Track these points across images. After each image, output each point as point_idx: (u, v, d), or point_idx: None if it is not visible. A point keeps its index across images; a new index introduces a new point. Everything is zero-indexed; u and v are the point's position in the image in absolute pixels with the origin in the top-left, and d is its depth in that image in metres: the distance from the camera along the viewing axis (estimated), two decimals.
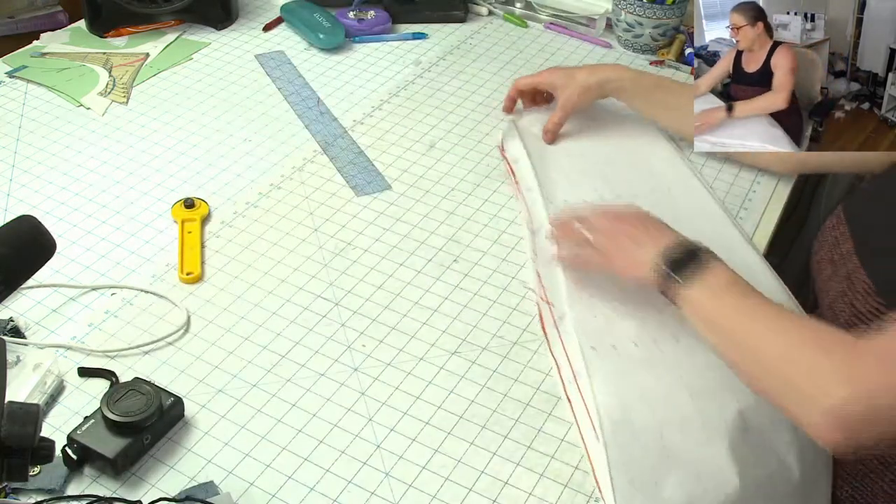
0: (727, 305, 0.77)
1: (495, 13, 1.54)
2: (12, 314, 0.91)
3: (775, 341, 0.73)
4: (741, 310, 0.76)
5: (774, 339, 0.73)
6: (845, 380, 0.66)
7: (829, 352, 0.69)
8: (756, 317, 0.75)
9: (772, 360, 0.72)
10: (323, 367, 0.87)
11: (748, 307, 0.76)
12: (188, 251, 1.00)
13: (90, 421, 0.77)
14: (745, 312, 0.76)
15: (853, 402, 0.65)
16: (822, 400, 0.67)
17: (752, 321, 0.75)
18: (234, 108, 1.27)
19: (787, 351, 0.71)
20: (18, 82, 1.30)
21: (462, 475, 0.78)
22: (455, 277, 0.98)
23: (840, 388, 0.66)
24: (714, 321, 0.78)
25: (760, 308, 0.76)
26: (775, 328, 0.74)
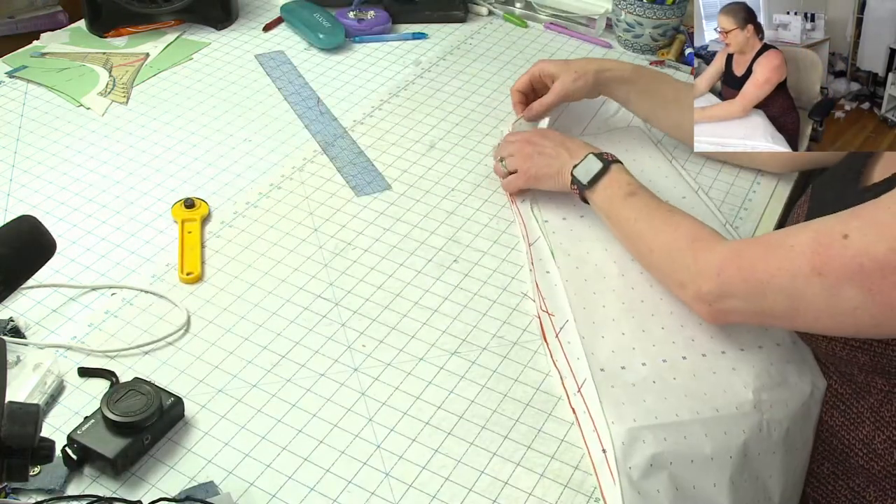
0: (621, 204, 0.94)
1: (495, 13, 1.54)
2: (12, 314, 0.91)
3: (658, 237, 0.89)
4: (631, 206, 0.92)
5: (657, 234, 0.89)
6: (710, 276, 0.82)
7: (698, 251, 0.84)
8: (643, 214, 0.91)
9: (655, 251, 0.89)
10: (323, 367, 0.87)
11: (637, 205, 0.92)
12: (188, 251, 1.00)
13: (90, 421, 0.77)
14: (635, 209, 0.92)
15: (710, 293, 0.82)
16: (691, 289, 0.84)
17: (639, 217, 0.91)
18: (234, 108, 1.27)
19: (667, 245, 0.87)
20: (18, 82, 1.30)
21: (462, 475, 0.78)
22: (455, 277, 0.98)
23: (705, 282, 0.82)
24: (610, 216, 0.96)
25: (647, 206, 0.92)
26: (659, 225, 0.89)
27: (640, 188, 0.94)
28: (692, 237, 0.85)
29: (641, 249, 0.92)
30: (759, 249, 0.80)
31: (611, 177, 0.95)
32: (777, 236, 0.81)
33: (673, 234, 0.87)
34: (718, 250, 0.82)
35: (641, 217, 0.91)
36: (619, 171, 0.96)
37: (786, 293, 0.77)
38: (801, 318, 0.78)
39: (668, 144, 1.18)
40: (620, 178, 0.95)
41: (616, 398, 0.81)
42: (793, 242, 0.77)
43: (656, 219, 0.90)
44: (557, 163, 1.00)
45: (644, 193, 0.93)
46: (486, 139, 1.21)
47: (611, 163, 0.96)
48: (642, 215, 0.91)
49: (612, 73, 1.12)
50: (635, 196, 0.93)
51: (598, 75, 1.11)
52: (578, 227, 1.02)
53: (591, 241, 1.00)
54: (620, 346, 0.87)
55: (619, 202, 0.94)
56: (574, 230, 1.02)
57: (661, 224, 0.89)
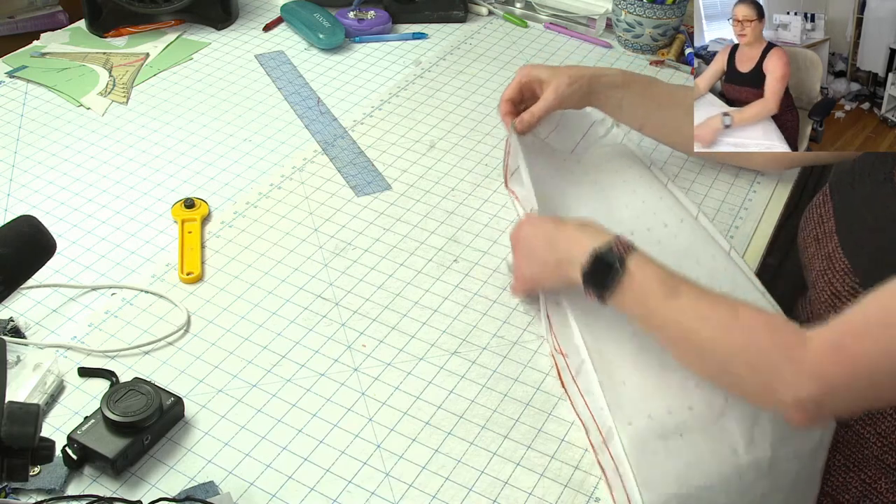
0: (661, 308, 0.76)
1: (495, 13, 1.54)
2: (12, 314, 0.91)
3: (727, 342, 0.73)
4: (677, 309, 0.76)
5: (726, 339, 0.73)
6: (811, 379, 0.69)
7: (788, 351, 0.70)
8: (697, 315, 0.75)
9: (728, 360, 0.73)
10: (323, 367, 0.87)
11: (684, 306, 0.75)
12: (188, 251, 1.00)
13: (90, 421, 0.77)
14: (682, 311, 0.75)
15: (811, 398, 0.69)
16: (788, 395, 0.70)
17: (694, 321, 0.75)
18: (234, 108, 1.27)
19: (744, 350, 0.72)
20: (18, 82, 1.30)
21: (462, 475, 0.78)
22: (455, 277, 0.98)
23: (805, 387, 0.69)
24: (647, 322, 0.78)
25: (698, 304, 0.75)
26: (725, 327, 0.73)
27: (677, 280, 0.77)
28: (776, 336, 0.72)
29: (707, 361, 0.76)
30: (859, 336, 0.69)
31: (632, 278, 0.77)
32: (871, 314, 0.69)
33: (746, 335, 0.72)
34: (813, 346, 0.70)
35: (698, 323, 0.74)
36: (640, 264, 0.77)
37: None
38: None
39: (659, 160, 1.14)
40: (647, 275, 0.77)
41: (645, 459, 0.76)
42: (890, 321, 0.67)
43: (716, 319, 0.74)
44: (552, 264, 0.85)
45: (687, 289, 0.76)
46: (486, 139, 1.21)
47: (626, 256, 0.78)
48: (698, 320, 0.75)
49: (606, 78, 1.02)
50: (679, 297, 0.75)
51: (592, 80, 1.01)
52: None
53: None
54: (644, 392, 0.80)
55: (657, 305, 0.77)
56: None
57: (727, 325, 0.73)
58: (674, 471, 0.76)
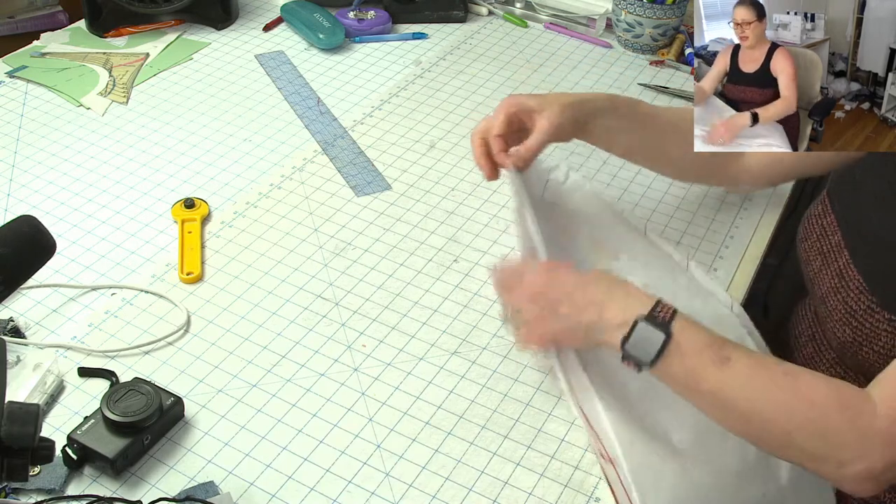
0: (713, 378, 0.70)
1: (495, 13, 1.54)
2: (12, 314, 0.91)
3: (792, 415, 0.68)
4: (732, 379, 0.70)
5: (789, 412, 0.68)
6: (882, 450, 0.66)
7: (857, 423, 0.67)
8: (754, 386, 0.70)
9: (793, 432, 0.68)
10: (323, 367, 0.87)
11: (740, 376, 0.70)
12: (188, 251, 1.00)
13: (90, 421, 0.77)
14: (738, 381, 0.70)
15: (884, 467, 0.66)
16: (858, 468, 0.66)
17: (751, 392, 0.69)
18: (234, 108, 1.27)
19: (810, 423, 0.68)
20: (18, 82, 1.30)
21: (462, 475, 0.78)
22: (455, 277, 0.98)
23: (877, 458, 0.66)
24: (698, 392, 0.72)
25: (755, 374, 0.70)
26: (786, 399, 0.68)
27: (726, 344, 0.71)
28: (838, 405, 0.67)
29: (770, 430, 0.69)
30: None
31: (680, 345, 0.70)
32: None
33: (811, 408, 0.68)
34: (881, 414, 0.66)
35: (755, 392, 0.69)
36: (687, 331, 0.71)
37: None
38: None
39: (629, 203, 1.07)
40: (695, 340, 0.71)
41: (650, 483, 0.72)
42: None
43: (776, 390, 0.69)
44: (582, 326, 0.74)
45: (738, 354, 0.70)
46: None
47: (670, 322, 0.71)
48: (755, 389, 0.69)
49: (592, 103, 0.93)
50: (730, 363, 0.69)
51: (581, 106, 0.92)
52: None
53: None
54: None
55: (708, 375, 0.70)
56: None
57: (789, 398, 0.68)
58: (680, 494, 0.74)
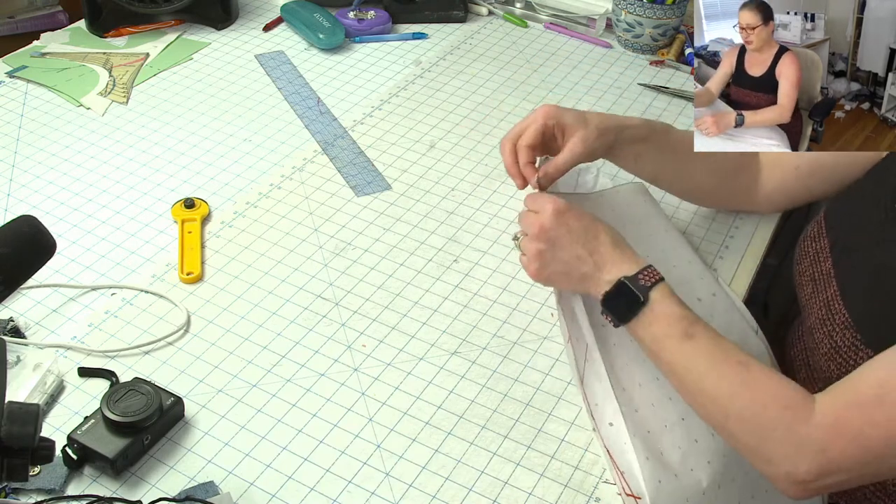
0: (675, 349, 0.75)
1: (495, 13, 1.54)
2: (12, 314, 0.91)
3: (734, 400, 0.72)
4: (691, 354, 0.75)
5: (733, 397, 0.72)
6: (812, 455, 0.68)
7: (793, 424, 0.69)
8: (708, 365, 0.74)
9: (732, 418, 0.72)
10: (323, 367, 0.87)
11: (698, 352, 0.74)
12: (188, 251, 1.00)
13: (90, 421, 0.77)
14: (695, 358, 0.74)
15: (810, 475, 0.68)
16: (784, 468, 0.69)
17: (704, 370, 0.74)
18: (234, 108, 1.27)
19: (749, 413, 0.71)
20: (18, 82, 1.30)
21: (462, 475, 0.78)
22: (455, 277, 0.98)
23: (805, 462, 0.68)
24: (659, 358, 0.77)
25: (711, 354, 0.74)
26: (734, 385, 0.72)
27: (696, 323, 0.76)
28: (782, 404, 0.70)
29: (710, 410, 0.74)
30: (861, 412, 0.67)
31: (653, 311, 0.77)
32: (869, 389, 0.68)
33: (753, 399, 0.71)
34: (817, 422, 0.68)
35: (706, 370, 0.74)
36: (663, 300, 0.77)
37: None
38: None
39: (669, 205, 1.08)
40: (668, 312, 0.76)
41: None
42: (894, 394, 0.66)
43: (725, 374, 0.73)
44: (576, 275, 0.81)
45: (703, 333, 0.75)
46: (486, 139, 1.21)
47: (650, 288, 0.77)
48: (707, 368, 0.74)
49: (630, 131, 0.93)
50: (693, 340, 0.75)
51: (618, 133, 0.91)
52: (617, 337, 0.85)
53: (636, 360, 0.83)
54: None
55: (671, 346, 0.76)
56: (616, 343, 0.85)
57: (735, 384, 0.72)
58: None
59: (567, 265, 0.81)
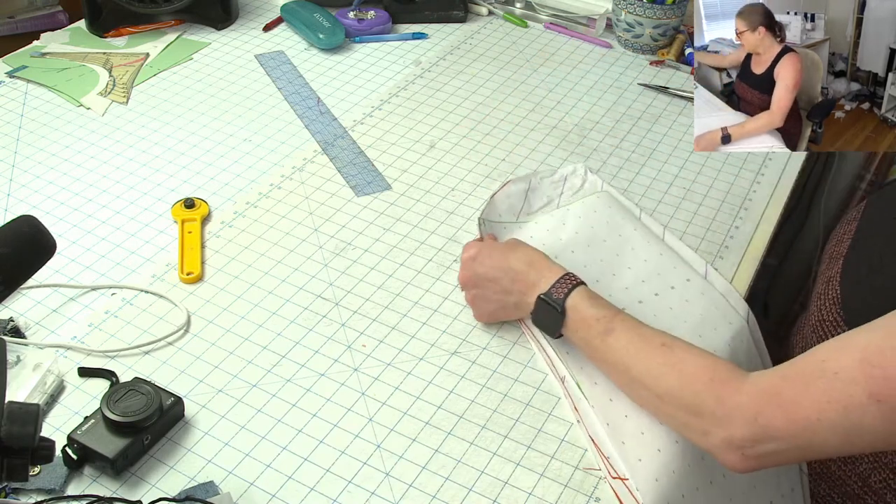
0: (600, 347, 0.80)
1: (495, 13, 1.54)
2: (12, 314, 0.91)
3: (661, 381, 0.75)
4: (614, 348, 0.78)
5: (659, 379, 0.75)
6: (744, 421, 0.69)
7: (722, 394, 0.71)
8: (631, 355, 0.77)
9: (663, 398, 0.75)
10: (323, 367, 0.87)
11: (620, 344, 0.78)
12: (188, 251, 1.00)
13: (90, 421, 0.77)
14: (619, 350, 0.78)
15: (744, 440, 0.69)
16: (719, 437, 0.70)
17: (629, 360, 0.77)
18: (234, 108, 1.27)
19: (677, 391, 0.73)
20: (18, 82, 1.30)
21: (462, 475, 0.78)
22: (455, 277, 0.98)
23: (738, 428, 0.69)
24: (593, 358, 0.82)
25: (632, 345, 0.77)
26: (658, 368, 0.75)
27: (615, 318, 0.80)
28: (708, 377, 0.72)
29: (643, 396, 0.78)
30: (798, 383, 0.68)
31: (573, 318, 0.81)
32: (811, 363, 0.69)
33: (680, 377, 0.74)
34: (747, 390, 0.70)
35: (631, 360, 0.78)
36: (579, 305, 0.81)
37: (839, 427, 0.66)
38: (853, 448, 0.69)
39: (648, 207, 1.08)
40: (586, 315, 0.81)
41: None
42: (835, 368, 0.66)
43: (650, 359, 0.77)
44: (510, 306, 0.88)
45: (622, 326, 0.79)
46: (486, 139, 1.21)
47: (565, 298, 0.82)
48: (631, 357, 0.78)
49: None
50: (612, 334, 0.79)
51: None
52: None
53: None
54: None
55: (596, 344, 0.80)
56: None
57: (660, 366, 0.76)
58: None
59: (498, 301, 0.88)
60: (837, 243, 0.93)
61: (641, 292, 0.93)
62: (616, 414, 0.81)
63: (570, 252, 0.97)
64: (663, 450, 0.79)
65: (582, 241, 0.99)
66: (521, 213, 1.05)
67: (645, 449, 0.78)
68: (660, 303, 0.92)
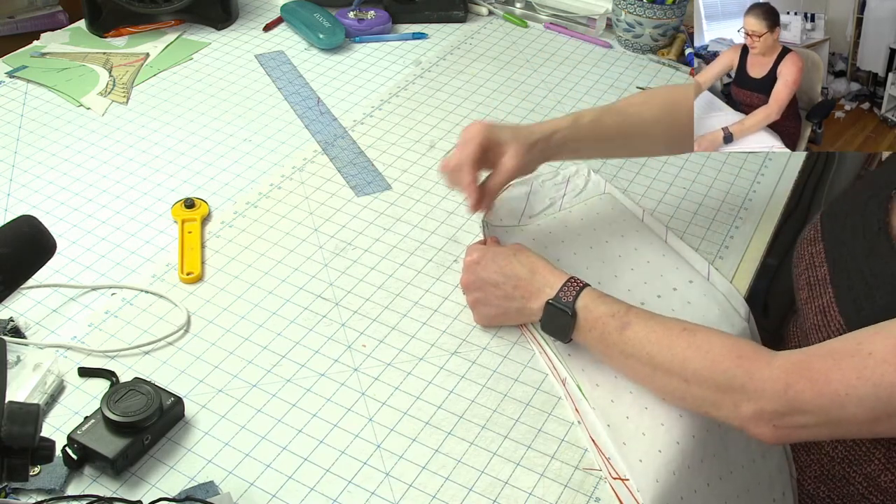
0: (618, 343, 0.80)
1: (495, 13, 1.54)
2: (12, 314, 0.91)
3: (688, 365, 0.75)
4: (634, 341, 0.78)
5: (685, 363, 0.75)
6: (775, 394, 0.70)
7: (752, 368, 0.72)
8: (654, 344, 0.77)
9: (691, 381, 0.75)
10: (323, 367, 0.87)
11: (640, 337, 0.78)
12: (188, 251, 1.00)
13: (90, 421, 0.77)
14: (639, 343, 0.78)
15: (775, 412, 0.71)
16: (750, 409, 0.72)
17: (651, 350, 0.77)
18: (234, 108, 1.27)
19: (705, 371, 0.74)
20: (18, 82, 1.30)
21: (462, 475, 0.78)
22: (455, 277, 0.98)
23: (769, 401, 0.71)
24: (610, 357, 0.82)
25: (654, 333, 0.78)
26: (683, 352, 0.76)
27: (629, 312, 0.80)
28: (735, 355, 0.73)
29: (668, 383, 0.78)
30: (829, 359, 0.70)
31: (586, 318, 0.81)
32: (846, 344, 0.71)
33: (707, 358, 0.74)
34: (778, 364, 0.71)
35: (654, 348, 0.77)
36: (591, 305, 0.81)
37: (867, 403, 0.68)
38: (879, 428, 0.70)
39: (650, 207, 1.07)
40: (598, 314, 0.81)
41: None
42: (869, 349, 0.68)
43: (673, 345, 0.76)
44: (512, 311, 0.88)
45: (637, 319, 0.79)
46: None
47: (575, 300, 0.82)
48: (653, 345, 0.77)
49: (561, 133, 0.94)
50: (630, 327, 0.79)
51: (548, 140, 0.93)
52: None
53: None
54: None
55: (614, 340, 0.80)
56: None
57: (685, 349, 0.76)
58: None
59: (500, 307, 0.88)
60: (809, 267, 0.92)
61: (643, 294, 0.93)
62: (617, 415, 0.81)
63: (571, 254, 0.98)
64: (664, 451, 0.79)
65: (584, 244, 1.00)
66: (524, 216, 1.04)
67: (646, 449, 0.79)
68: (662, 304, 0.92)
